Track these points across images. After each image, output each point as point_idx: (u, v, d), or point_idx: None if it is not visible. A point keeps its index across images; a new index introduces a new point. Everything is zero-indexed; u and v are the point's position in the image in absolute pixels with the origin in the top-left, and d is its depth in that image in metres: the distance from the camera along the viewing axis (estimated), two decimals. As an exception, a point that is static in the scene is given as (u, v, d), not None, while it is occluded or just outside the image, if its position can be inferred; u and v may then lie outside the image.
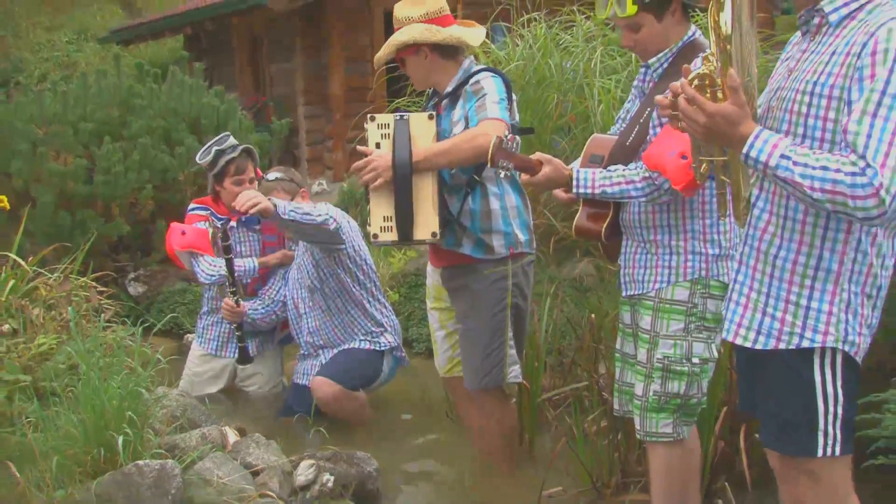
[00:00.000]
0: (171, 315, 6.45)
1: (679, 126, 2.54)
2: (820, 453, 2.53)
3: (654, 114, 3.28)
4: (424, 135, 3.96)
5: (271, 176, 5.25)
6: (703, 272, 3.35)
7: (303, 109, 12.80)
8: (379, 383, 5.24)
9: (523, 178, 3.49)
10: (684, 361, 3.36)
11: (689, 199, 3.31)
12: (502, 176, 3.42)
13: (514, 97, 4.16)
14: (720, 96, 2.41)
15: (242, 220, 5.42)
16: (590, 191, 3.35)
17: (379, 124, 3.99)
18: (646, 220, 3.40)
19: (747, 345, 2.65)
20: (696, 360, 3.36)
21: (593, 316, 4.76)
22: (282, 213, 4.56)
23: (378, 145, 3.97)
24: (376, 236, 4.01)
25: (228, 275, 5.14)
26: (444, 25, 4.06)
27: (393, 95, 8.50)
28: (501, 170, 3.35)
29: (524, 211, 4.16)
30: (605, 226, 3.47)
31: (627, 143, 3.43)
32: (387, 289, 6.74)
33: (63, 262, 5.08)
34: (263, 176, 5.31)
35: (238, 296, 5.18)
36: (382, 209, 3.98)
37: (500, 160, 3.31)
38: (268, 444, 3.85)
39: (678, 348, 3.35)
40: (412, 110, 6.63)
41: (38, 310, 4.49)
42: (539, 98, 6.66)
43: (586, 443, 4.08)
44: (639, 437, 3.52)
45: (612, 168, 3.36)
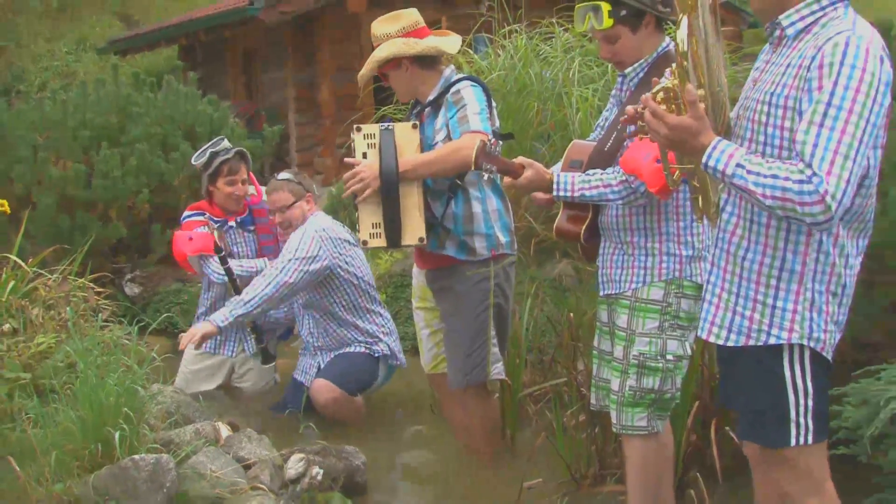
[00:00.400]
0: (167, 315, 6.42)
1: (649, 136, 2.59)
2: (793, 443, 2.57)
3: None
4: (409, 144, 3.96)
5: (281, 176, 5.24)
6: (677, 273, 3.36)
7: (293, 117, 12.79)
8: (374, 388, 5.23)
9: (506, 182, 3.50)
10: (659, 358, 3.36)
11: (663, 202, 3.33)
12: (485, 178, 3.42)
13: (495, 104, 4.17)
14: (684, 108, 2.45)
15: (238, 220, 5.42)
16: (569, 194, 3.35)
17: (365, 134, 3.99)
18: (623, 223, 3.41)
19: (720, 342, 2.68)
20: (670, 357, 3.37)
21: (572, 315, 4.76)
22: (221, 323, 4.76)
23: (365, 155, 3.97)
24: (366, 242, 4.03)
25: (230, 282, 5.16)
26: (420, 37, 4.06)
27: (380, 103, 8.48)
28: (485, 172, 3.35)
29: (505, 214, 4.16)
30: (584, 228, 3.49)
31: (605, 149, 3.44)
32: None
33: (62, 264, 5.04)
34: (274, 176, 5.28)
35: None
36: (371, 217, 3.98)
37: (484, 163, 3.32)
38: (259, 438, 3.84)
39: (653, 346, 3.36)
40: (398, 117, 6.62)
41: (37, 310, 4.46)
42: (520, 106, 6.67)
43: (565, 436, 4.08)
44: (615, 431, 3.52)
45: (591, 172, 3.37)
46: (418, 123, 4.02)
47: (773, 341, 2.56)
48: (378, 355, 5.14)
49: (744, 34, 12.05)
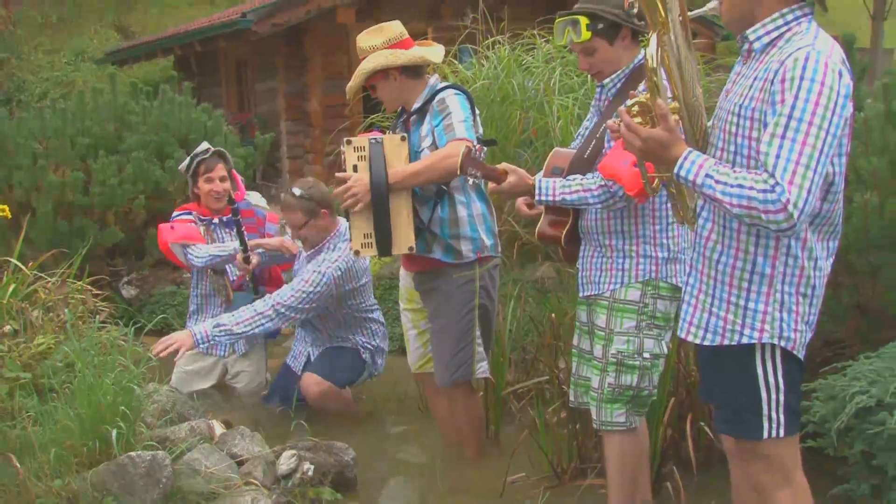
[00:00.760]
0: (162, 316, 6.39)
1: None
2: (766, 436, 2.61)
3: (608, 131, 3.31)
4: (398, 155, 3.95)
5: (297, 191, 4.94)
6: (653, 274, 3.38)
7: (285, 125, 12.77)
8: (362, 380, 5.23)
9: (490, 187, 3.51)
10: (636, 356, 3.37)
11: (640, 206, 3.36)
12: (470, 183, 3.43)
13: (479, 112, 4.17)
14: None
15: (223, 220, 5.42)
16: (551, 198, 3.36)
17: (355, 147, 3.97)
18: (602, 227, 3.43)
19: (697, 341, 2.71)
20: (647, 355, 3.39)
21: (553, 315, 4.76)
22: (200, 341, 4.63)
23: (355, 168, 3.96)
24: (358, 252, 4.05)
25: (238, 236, 5.14)
26: (406, 48, 4.06)
27: (368, 112, 8.48)
28: (469, 177, 3.36)
29: (489, 218, 4.16)
30: (565, 232, 3.51)
31: (585, 156, 3.46)
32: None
33: (61, 267, 5.02)
34: (290, 191, 5.02)
35: (247, 254, 5.13)
36: (362, 227, 3.99)
37: (469, 168, 3.33)
38: (252, 435, 3.83)
39: (631, 344, 3.37)
40: (385, 125, 6.62)
41: (37, 311, 4.44)
42: (503, 114, 6.68)
43: (547, 432, 4.08)
44: (595, 427, 3.53)
45: (571, 177, 3.38)
46: (406, 136, 4.01)
47: (745, 340, 2.59)
48: (364, 355, 5.16)
49: (717, 46, 12.10)
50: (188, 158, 5.41)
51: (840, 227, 2.63)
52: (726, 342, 2.62)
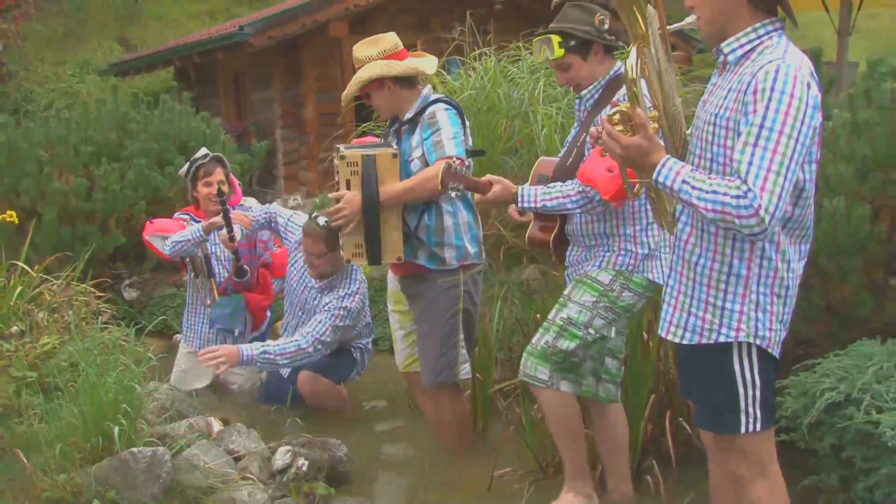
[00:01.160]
0: (162, 317, 6.39)
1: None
2: (743, 430, 2.63)
3: (588, 138, 3.33)
4: (390, 172, 3.94)
5: (321, 221, 4.63)
6: (630, 267, 3.43)
7: (280, 133, 12.73)
8: (351, 377, 5.22)
9: (476, 198, 3.52)
10: (582, 328, 3.39)
11: (620, 209, 3.38)
12: (454, 195, 3.43)
13: (467, 122, 4.17)
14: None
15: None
16: (532, 205, 3.39)
17: (348, 162, 3.96)
18: (587, 230, 3.48)
19: (676, 340, 2.72)
20: (592, 331, 3.40)
21: (538, 316, 4.73)
22: (245, 360, 4.53)
23: (348, 183, 3.95)
24: (349, 260, 4.09)
25: (224, 217, 4.98)
26: (400, 59, 4.05)
27: (361, 120, 8.47)
28: (452, 191, 3.37)
29: (475, 226, 4.16)
30: (553, 236, 3.56)
31: (567, 164, 3.50)
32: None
33: (65, 271, 5.01)
34: (315, 218, 4.76)
35: (231, 233, 5.01)
36: (354, 238, 4.02)
37: (450, 183, 3.34)
38: (248, 432, 3.83)
39: (582, 315, 3.40)
40: (377, 133, 6.61)
41: (42, 313, 4.43)
42: (489, 123, 6.67)
43: (533, 429, 4.08)
44: (519, 378, 3.57)
45: (552, 185, 3.42)
46: (398, 151, 3.99)
47: (723, 339, 2.60)
48: (355, 354, 5.17)
49: (693, 59, 12.12)
50: (188, 163, 5.40)
51: (812, 230, 2.64)
52: (704, 341, 2.63)
